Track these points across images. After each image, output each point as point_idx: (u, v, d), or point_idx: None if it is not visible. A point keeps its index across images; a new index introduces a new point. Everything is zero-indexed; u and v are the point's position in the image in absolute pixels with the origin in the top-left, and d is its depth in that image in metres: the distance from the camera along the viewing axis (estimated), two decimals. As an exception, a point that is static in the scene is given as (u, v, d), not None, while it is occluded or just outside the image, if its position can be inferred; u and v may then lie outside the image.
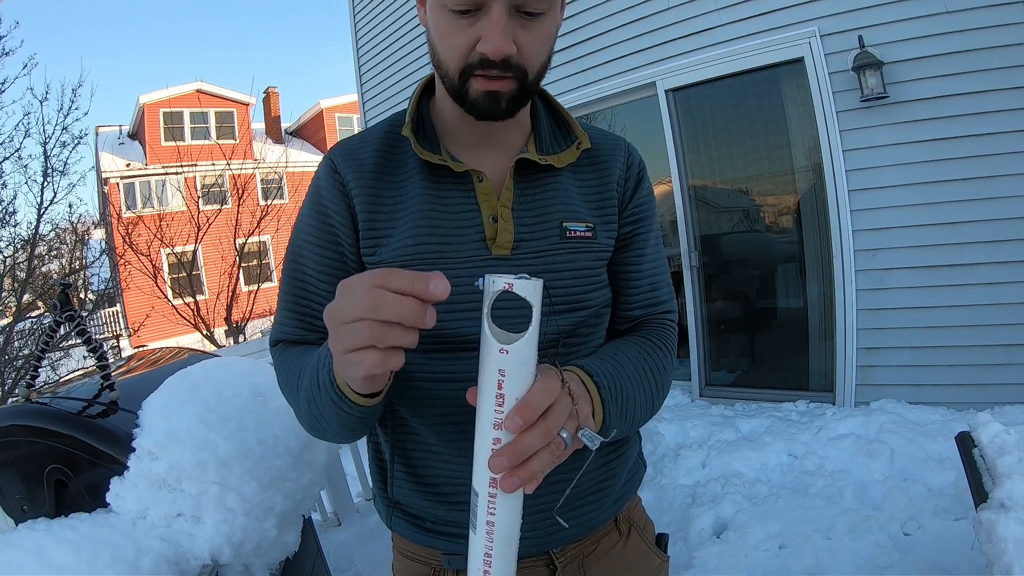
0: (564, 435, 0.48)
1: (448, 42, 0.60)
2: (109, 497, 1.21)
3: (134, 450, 1.23)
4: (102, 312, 13.23)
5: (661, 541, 0.82)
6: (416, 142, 0.66)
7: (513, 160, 0.68)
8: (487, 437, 0.47)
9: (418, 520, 0.71)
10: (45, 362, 1.96)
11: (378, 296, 0.42)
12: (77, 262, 9.11)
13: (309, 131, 17.51)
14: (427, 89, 0.73)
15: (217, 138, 13.11)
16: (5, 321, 7.34)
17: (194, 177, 11.97)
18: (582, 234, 0.69)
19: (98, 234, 11.63)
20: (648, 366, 0.68)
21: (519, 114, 0.70)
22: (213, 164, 11.73)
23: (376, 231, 0.66)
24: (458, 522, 0.68)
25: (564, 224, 0.68)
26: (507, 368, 0.46)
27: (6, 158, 6.57)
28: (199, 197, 11.11)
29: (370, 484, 2.47)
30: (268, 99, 17.25)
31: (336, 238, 0.68)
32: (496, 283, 0.45)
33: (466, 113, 0.63)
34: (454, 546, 0.69)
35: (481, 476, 0.48)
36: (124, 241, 9.76)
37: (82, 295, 9.98)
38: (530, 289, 0.45)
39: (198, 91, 14.25)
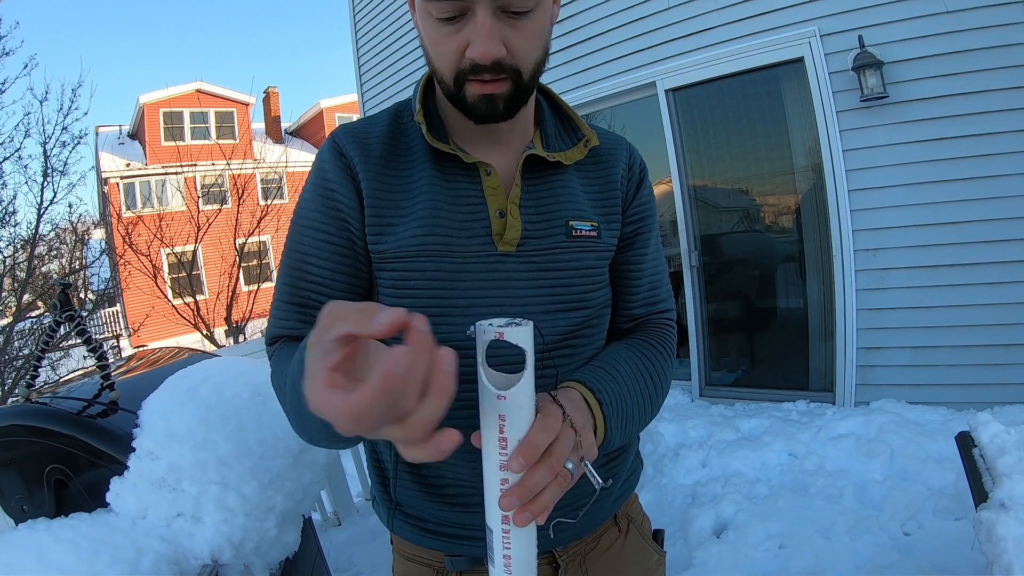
0: (570, 467, 0.49)
1: (438, 50, 0.60)
2: (109, 497, 1.21)
3: (134, 450, 1.23)
4: (102, 312, 13.23)
5: (658, 536, 0.83)
6: (427, 130, 0.65)
7: (521, 156, 0.67)
8: (495, 478, 0.48)
9: (421, 522, 0.70)
10: (45, 362, 1.97)
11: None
12: (77, 262, 9.10)
13: (309, 131, 17.51)
14: (430, 83, 0.72)
15: (217, 138, 13.12)
16: (5, 321, 7.34)
17: (194, 177, 11.99)
18: (587, 233, 0.69)
19: (98, 234, 11.63)
20: (648, 372, 0.68)
21: (523, 113, 0.70)
22: (213, 164, 11.73)
23: (381, 217, 0.65)
24: (463, 524, 0.68)
25: (570, 223, 0.68)
26: (507, 413, 0.46)
27: (6, 158, 6.58)
28: (199, 197, 11.11)
29: (369, 485, 2.47)
30: (268, 99, 17.25)
31: (344, 223, 0.65)
32: (487, 332, 0.46)
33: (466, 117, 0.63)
34: (457, 547, 0.68)
35: (493, 514, 0.49)
36: (124, 241, 9.75)
37: (82, 295, 9.98)
38: (521, 335, 0.45)
39: (198, 91, 14.25)
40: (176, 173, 11.88)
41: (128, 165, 13.73)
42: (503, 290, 0.65)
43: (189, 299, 9.75)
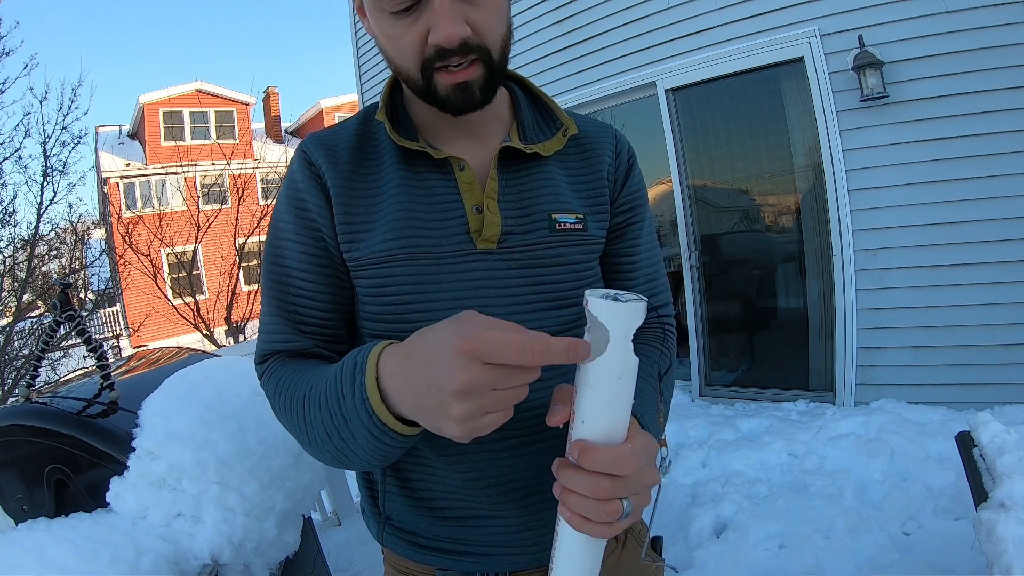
0: (625, 504, 0.45)
1: (398, 45, 0.58)
2: (109, 497, 1.21)
3: (134, 450, 1.23)
4: (102, 312, 13.23)
5: (656, 545, 0.80)
6: (391, 128, 0.64)
7: (496, 150, 0.65)
8: (567, 443, 0.46)
9: (411, 536, 0.68)
10: (45, 362, 1.97)
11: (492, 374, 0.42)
12: (77, 262, 9.10)
13: (309, 131, 17.45)
14: (397, 82, 0.69)
15: (217, 138, 13.13)
16: (5, 321, 7.34)
17: (194, 177, 11.99)
18: (572, 226, 0.66)
19: (98, 234, 11.63)
20: (662, 387, 0.67)
21: (497, 104, 0.68)
22: (213, 164, 11.75)
23: (352, 224, 0.63)
24: (454, 538, 0.66)
25: (553, 216, 0.65)
26: (577, 384, 0.44)
27: (6, 158, 6.59)
28: (199, 197, 11.12)
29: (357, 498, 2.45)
30: (268, 99, 17.25)
31: (317, 232, 0.64)
32: (585, 296, 0.43)
33: (440, 111, 0.61)
34: (448, 562, 0.66)
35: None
36: (124, 241, 9.76)
37: (82, 295, 9.98)
38: (604, 311, 0.40)
39: (198, 91, 14.25)
40: (176, 173, 11.89)
41: (128, 165, 13.73)
42: (486, 289, 0.62)
43: (189, 299, 9.75)
